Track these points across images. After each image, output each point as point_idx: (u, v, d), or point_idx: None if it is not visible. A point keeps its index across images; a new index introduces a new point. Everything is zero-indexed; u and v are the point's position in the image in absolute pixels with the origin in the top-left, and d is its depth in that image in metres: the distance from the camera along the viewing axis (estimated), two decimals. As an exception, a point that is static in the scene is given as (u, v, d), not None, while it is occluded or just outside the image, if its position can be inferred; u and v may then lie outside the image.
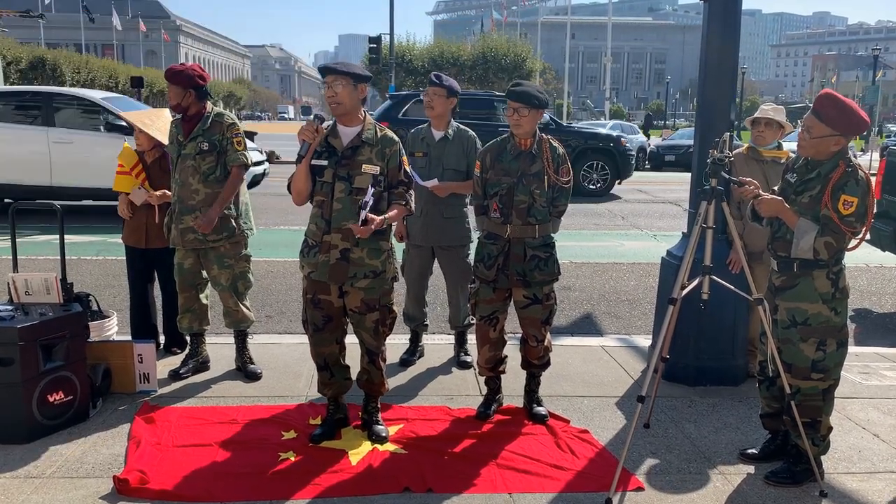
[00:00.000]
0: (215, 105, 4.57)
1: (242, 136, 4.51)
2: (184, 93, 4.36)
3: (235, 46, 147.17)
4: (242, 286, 4.63)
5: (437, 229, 4.71)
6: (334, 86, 3.47)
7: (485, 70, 45.59)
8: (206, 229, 4.37)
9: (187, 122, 4.43)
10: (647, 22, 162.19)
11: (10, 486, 3.24)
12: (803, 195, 3.34)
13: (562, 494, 3.29)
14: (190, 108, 4.41)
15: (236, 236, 4.51)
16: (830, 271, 3.33)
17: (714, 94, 4.63)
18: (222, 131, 4.43)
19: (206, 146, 4.39)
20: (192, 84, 4.36)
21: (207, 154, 4.39)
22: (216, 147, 4.41)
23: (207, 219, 4.36)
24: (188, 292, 4.61)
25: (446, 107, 4.65)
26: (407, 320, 5.01)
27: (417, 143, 4.75)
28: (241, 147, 4.47)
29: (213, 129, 4.42)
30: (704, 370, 4.61)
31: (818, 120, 3.24)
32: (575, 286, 7.48)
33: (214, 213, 4.38)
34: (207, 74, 4.59)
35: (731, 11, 4.55)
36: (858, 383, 4.77)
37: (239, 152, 4.44)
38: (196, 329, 4.70)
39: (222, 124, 4.44)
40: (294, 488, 3.27)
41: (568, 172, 3.91)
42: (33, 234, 9.29)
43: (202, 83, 4.40)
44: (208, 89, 4.49)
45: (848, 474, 3.57)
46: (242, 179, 4.52)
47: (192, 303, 4.64)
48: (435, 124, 4.73)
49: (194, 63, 4.65)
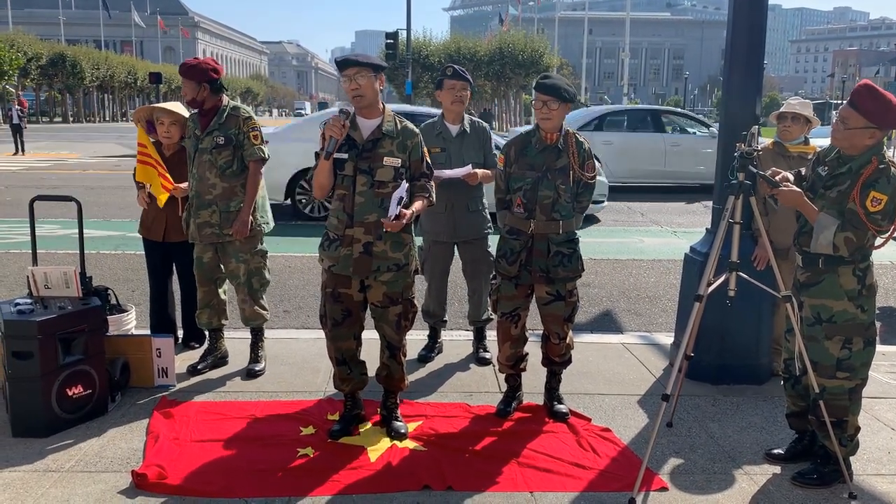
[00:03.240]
0: (232, 99, 4.55)
1: (259, 131, 4.46)
2: (198, 87, 4.35)
3: (253, 43, 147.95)
4: (257, 282, 4.60)
5: (465, 223, 4.67)
6: (357, 78, 3.43)
7: (501, 66, 45.53)
8: (244, 233, 4.38)
9: (203, 117, 4.42)
10: (665, 17, 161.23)
11: (29, 480, 3.23)
12: (832, 189, 3.25)
13: (584, 494, 3.24)
14: (206, 103, 4.40)
15: (253, 230, 4.49)
16: (857, 268, 3.24)
17: (740, 87, 4.54)
18: (238, 125, 4.40)
19: (221, 140, 4.36)
20: (206, 78, 4.34)
21: (223, 148, 4.37)
22: (232, 141, 4.38)
23: (240, 223, 4.36)
24: (207, 286, 4.61)
25: (466, 101, 4.62)
26: (427, 317, 4.96)
27: (432, 139, 4.61)
28: (259, 141, 4.43)
29: (229, 123, 4.40)
30: (728, 368, 4.53)
31: (854, 110, 3.15)
32: (595, 283, 7.41)
33: (245, 215, 4.37)
34: (221, 67, 4.56)
35: (758, 3, 4.46)
36: (887, 383, 4.68)
37: (256, 146, 4.41)
38: (215, 324, 4.69)
39: (238, 118, 4.41)
40: (313, 484, 3.24)
41: (593, 168, 3.84)
42: (53, 227, 9.35)
43: (216, 77, 4.38)
44: (223, 82, 4.46)
45: (878, 476, 3.49)
46: (261, 174, 4.49)
47: (211, 297, 4.63)
48: (452, 119, 4.66)
49: (208, 57, 4.61)
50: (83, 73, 55.12)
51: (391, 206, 3.36)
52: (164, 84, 41.14)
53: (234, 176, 4.41)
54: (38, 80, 53.79)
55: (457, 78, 4.56)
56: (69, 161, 20.87)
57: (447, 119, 4.68)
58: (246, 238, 4.47)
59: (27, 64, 47.75)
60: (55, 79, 55.24)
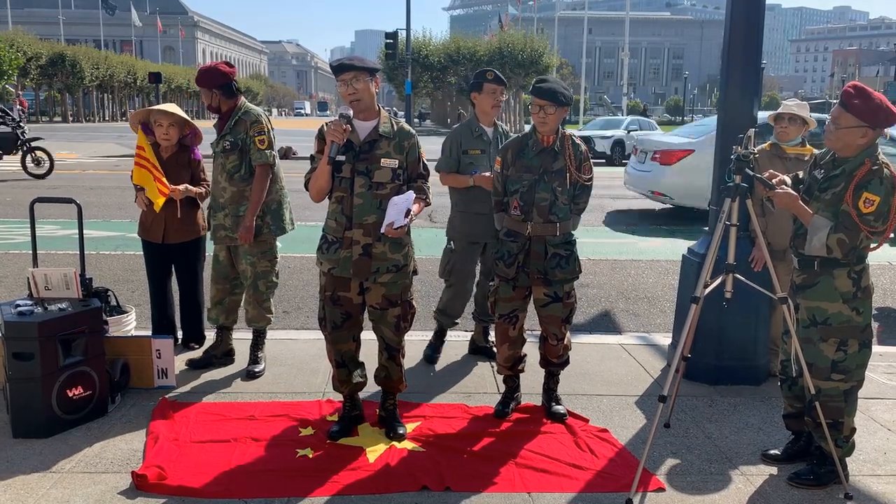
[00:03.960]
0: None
1: (266, 134, 4.43)
2: (210, 93, 4.41)
3: (252, 42, 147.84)
4: (264, 285, 4.61)
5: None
6: (354, 82, 3.44)
7: (501, 65, 45.54)
8: (248, 239, 4.40)
9: (220, 120, 4.48)
10: (665, 17, 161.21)
11: (29, 481, 3.25)
12: (827, 192, 3.27)
13: (581, 494, 3.26)
14: (221, 107, 4.45)
15: (263, 234, 4.51)
16: (852, 270, 3.26)
17: (737, 89, 4.56)
18: (246, 129, 4.42)
19: (228, 144, 4.41)
20: (216, 83, 4.38)
21: (230, 152, 4.41)
22: (238, 145, 4.41)
23: (244, 228, 4.39)
24: (221, 284, 4.66)
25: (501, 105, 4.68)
26: (443, 317, 4.91)
27: (471, 140, 4.64)
28: (265, 146, 4.41)
29: (239, 127, 4.43)
30: (725, 369, 4.55)
31: (845, 110, 3.17)
32: (593, 283, 7.43)
33: (249, 220, 4.39)
34: (233, 70, 4.54)
35: (755, 4, 4.47)
36: (883, 384, 4.70)
37: (261, 151, 4.40)
38: (222, 322, 4.74)
39: (246, 122, 4.42)
40: (312, 485, 3.26)
41: (590, 170, 3.86)
42: (53, 228, 9.35)
43: (225, 80, 4.40)
44: (236, 84, 4.47)
45: (873, 476, 3.51)
46: (268, 179, 4.47)
47: (223, 296, 4.69)
48: (488, 122, 4.68)
49: (221, 61, 4.63)
50: (83, 73, 55.06)
51: (397, 216, 3.35)
52: (164, 84, 41.08)
53: (242, 180, 4.44)
54: (37, 80, 53.72)
55: (498, 83, 4.58)
56: (68, 161, 20.86)
57: (483, 122, 4.67)
58: (256, 241, 4.48)
59: (27, 63, 47.72)
60: (55, 78, 55.19)
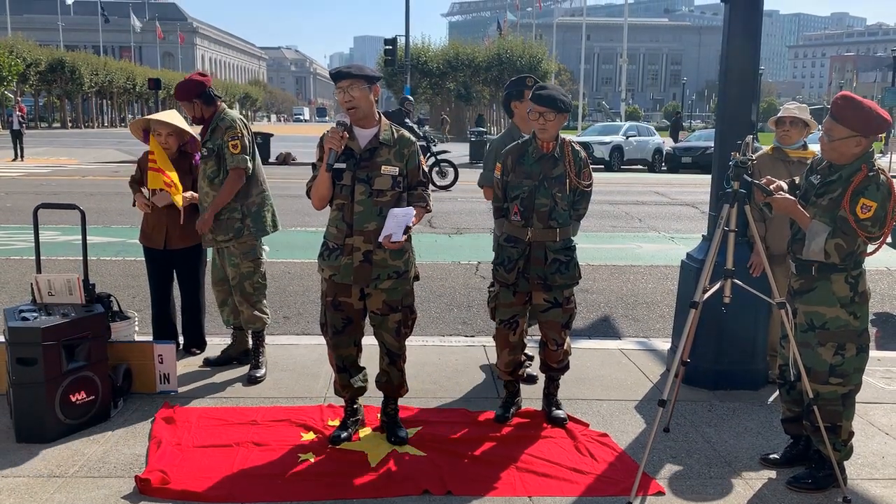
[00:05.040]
0: (231, 107, 4.62)
1: (239, 139, 4.47)
2: (191, 105, 4.51)
3: (251, 48, 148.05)
4: (250, 286, 4.63)
5: None
6: (350, 90, 3.47)
7: (500, 71, 45.61)
8: (203, 229, 4.54)
9: (204, 128, 4.58)
10: (663, 23, 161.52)
11: (33, 486, 3.27)
12: (824, 197, 3.31)
13: (582, 498, 3.28)
14: (204, 115, 4.54)
15: (244, 236, 4.56)
16: (849, 275, 3.29)
17: (735, 96, 4.60)
18: (221, 135, 4.49)
19: (205, 151, 4.52)
20: (194, 94, 4.47)
21: (208, 158, 4.52)
22: (215, 151, 4.50)
23: (202, 220, 4.53)
24: (220, 286, 4.77)
25: None
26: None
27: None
28: (238, 150, 4.47)
29: (216, 133, 4.51)
30: (724, 374, 4.58)
31: (836, 122, 3.21)
32: (592, 289, 7.45)
33: (208, 214, 4.52)
34: (207, 78, 4.65)
35: (753, 12, 4.51)
36: (881, 388, 4.72)
37: (235, 156, 4.46)
38: (234, 322, 4.82)
39: (222, 128, 4.50)
40: (314, 490, 3.27)
41: (589, 176, 3.90)
42: (54, 234, 9.37)
43: (202, 89, 4.49)
44: (212, 91, 4.54)
45: (871, 480, 3.53)
46: (240, 182, 4.50)
47: (225, 296, 4.79)
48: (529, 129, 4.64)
49: (193, 73, 4.70)
50: (82, 79, 55.14)
51: (396, 229, 3.37)
52: (163, 90, 41.13)
53: (222, 185, 4.50)
54: (37, 86, 53.78)
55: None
56: (68, 167, 20.90)
57: (525, 130, 4.56)
58: (237, 243, 4.56)
59: (26, 70, 47.77)
60: (54, 84, 55.27)
